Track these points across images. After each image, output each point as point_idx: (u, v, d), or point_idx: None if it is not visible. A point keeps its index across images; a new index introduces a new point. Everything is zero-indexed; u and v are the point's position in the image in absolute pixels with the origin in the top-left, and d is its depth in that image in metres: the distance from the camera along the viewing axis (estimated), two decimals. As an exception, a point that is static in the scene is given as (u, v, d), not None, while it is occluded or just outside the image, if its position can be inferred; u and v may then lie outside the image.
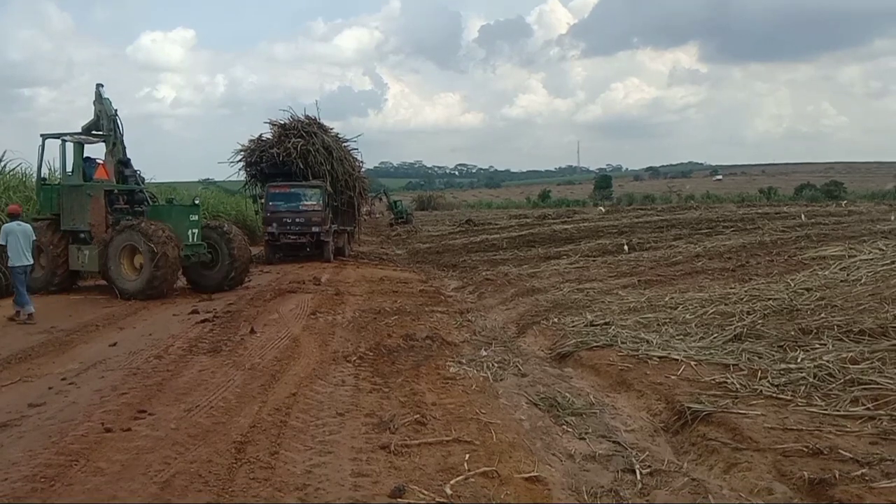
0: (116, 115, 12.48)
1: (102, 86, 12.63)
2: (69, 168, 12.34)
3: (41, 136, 12.57)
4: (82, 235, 12.23)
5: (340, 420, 4.91)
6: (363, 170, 23.48)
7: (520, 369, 6.56)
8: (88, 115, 12.63)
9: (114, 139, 12.44)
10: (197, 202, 12.90)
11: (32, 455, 4.19)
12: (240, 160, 21.33)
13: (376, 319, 9.13)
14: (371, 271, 16.87)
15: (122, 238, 11.54)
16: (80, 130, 12.60)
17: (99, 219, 12.17)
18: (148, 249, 11.22)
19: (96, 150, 12.79)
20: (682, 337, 6.95)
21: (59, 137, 12.38)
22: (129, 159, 12.82)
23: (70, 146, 12.36)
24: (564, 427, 5.01)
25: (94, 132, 12.58)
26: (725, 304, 8.08)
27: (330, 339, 7.88)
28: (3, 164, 14.45)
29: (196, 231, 12.37)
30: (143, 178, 13.48)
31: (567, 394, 5.71)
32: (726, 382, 5.34)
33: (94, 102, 12.56)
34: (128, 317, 9.78)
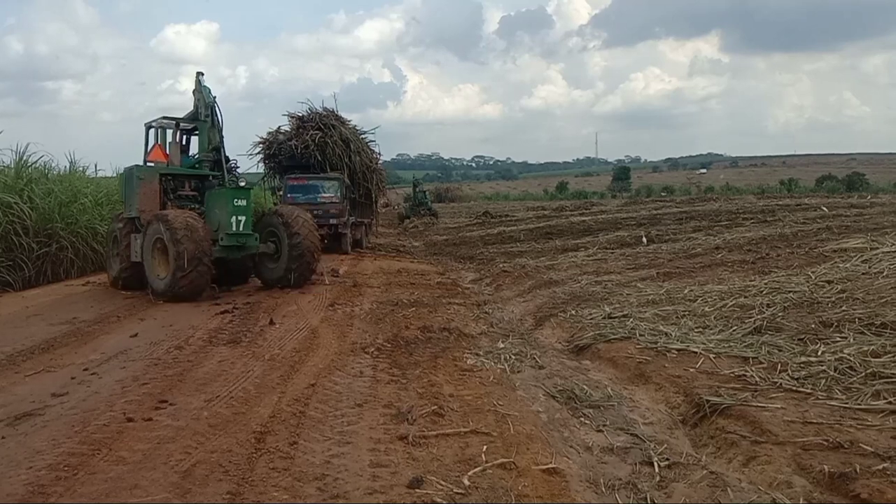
0: (215, 101, 11.68)
1: (203, 74, 12.05)
2: (170, 152, 11.83)
3: (145, 125, 12.11)
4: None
5: (359, 411, 4.94)
6: (381, 162, 23.54)
7: (537, 361, 6.55)
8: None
9: (209, 126, 11.66)
10: (242, 184, 11.50)
11: (56, 444, 4.26)
12: (258, 152, 21.50)
13: (394, 311, 9.16)
14: (388, 263, 16.91)
15: (152, 230, 10.50)
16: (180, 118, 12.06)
17: (151, 205, 11.24)
18: (171, 243, 10.03)
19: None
20: (700, 329, 6.90)
21: (151, 125, 11.95)
22: (221, 148, 11.87)
23: (153, 132, 11.91)
24: (582, 419, 5.00)
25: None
26: (745, 297, 8.01)
27: (348, 331, 7.92)
28: (26, 156, 14.54)
29: (243, 218, 11.04)
30: (235, 167, 12.37)
31: (585, 386, 5.69)
32: (745, 375, 5.30)
33: (193, 92, 11.94)
34: (149, 308, 9.87)
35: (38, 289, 12.29)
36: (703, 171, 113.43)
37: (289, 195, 19.30)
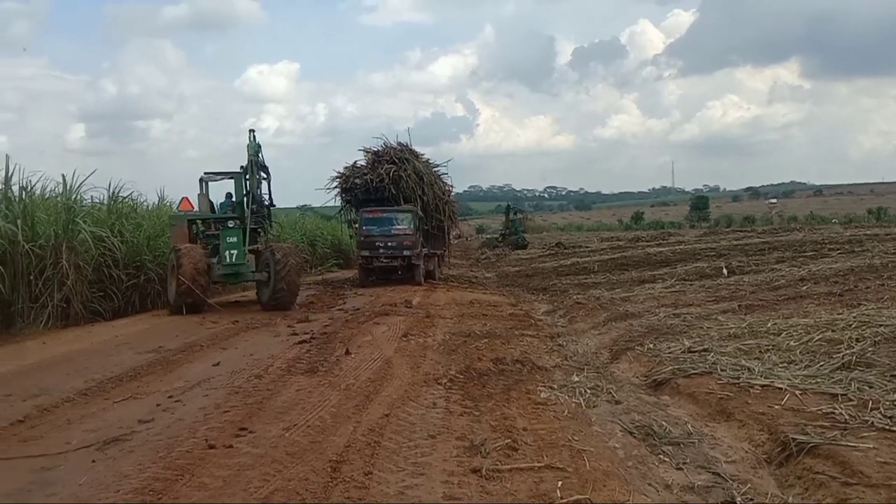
0: (256, 156, 14.20)
1: (254, 131, 14.37)
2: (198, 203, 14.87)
3: (200, 179, 14.90)
4: None
5: (432, 442, 4.95)
6: (453, 194, 23.73)
7: (613, 396, 6.42)
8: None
9: (247, 176, 14.30)
10: (231, 225, 14.12)
11: (142, 469, 4.43)
12: (335, 186, 21.98)
13: (466, 342, 9.15)
14: (461, 294, 16.95)
15: (172, 258, 13.22)
16: (238, 169, 14.60)
17: (182, 242, 13.81)
18: (177, 268, 12.73)
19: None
20: (785, 365, 6.64)
21: (201, 179, 14.93)
22: (252, 194, 14.28)
23: (203, 184, 14.83)
24: (661, 456, 4.86)
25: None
26: (832, 331, 7.68)
27: (421, 362, 7.96)
28: (118, 192, 15.36)
29: (235, 252, 13.63)
30: (264, 211, 14.61)
31: (663, 422, 5.54)
32: (834, 413, 5.06)
33: (247, 146, 14.23)
34: (230, 337, 10.19)
35: (126, 318, 12.85)
36: (774, 201, 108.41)
37: (364, 227, 19.65)
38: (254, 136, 14.38)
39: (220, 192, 15.39)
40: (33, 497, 4.09)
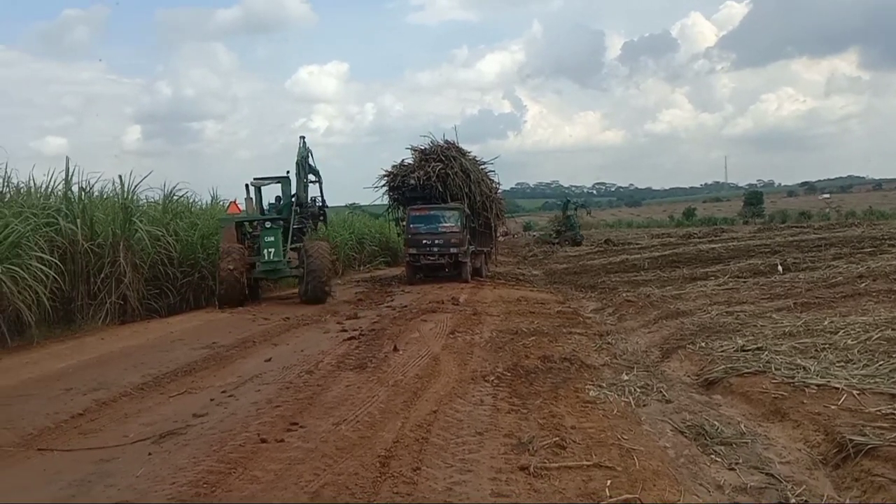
0: (304, 160, 15.36)
1: (304, 137, 15.55)
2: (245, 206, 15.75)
3: (246, 185, 15.69)
4: None
5: (480, 439, 4.96)
6: (500, 191, 23.65)
7: (664, 395, 6.34)
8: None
9: (297, 180, 15.31)
10: (268, 225, 14.81)
11: (196, 462, 4.54)
12: (383, 185, 22.12)
13: (513, 340, 9.13)
14: (508, 292, 16.90)
15: (219, 257, 14.06)
16: (284, 174, 15.64)
17: (231, 242, 14.57)
18: (219, 266, 13.76)
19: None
20: (842, 364, 6.46)
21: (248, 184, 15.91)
22: (298, 196, 15.39)
23: (252, 189, 15.65)
24: (713, 456, 4.79)
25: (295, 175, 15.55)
26: (892, 329, 7.44)
27: (468, 359, 7.98)
28: (173, 192, 15.76)
29: (272, 250, 14.48)
30: (307, 211, 15.80)
31: (715, 422, 5.45)
32: (894, 414, 4.91)
33: (297, 152, 15.30)
34: (281, 334, 10.36)
35: (181, 315, 13.16)
36: (827, 196, 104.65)
37: (411, 225, 19.74)
38: (303, 143, 15.21)
39: (271, 195, 16.06)
40: (94, 487, 4.24)
